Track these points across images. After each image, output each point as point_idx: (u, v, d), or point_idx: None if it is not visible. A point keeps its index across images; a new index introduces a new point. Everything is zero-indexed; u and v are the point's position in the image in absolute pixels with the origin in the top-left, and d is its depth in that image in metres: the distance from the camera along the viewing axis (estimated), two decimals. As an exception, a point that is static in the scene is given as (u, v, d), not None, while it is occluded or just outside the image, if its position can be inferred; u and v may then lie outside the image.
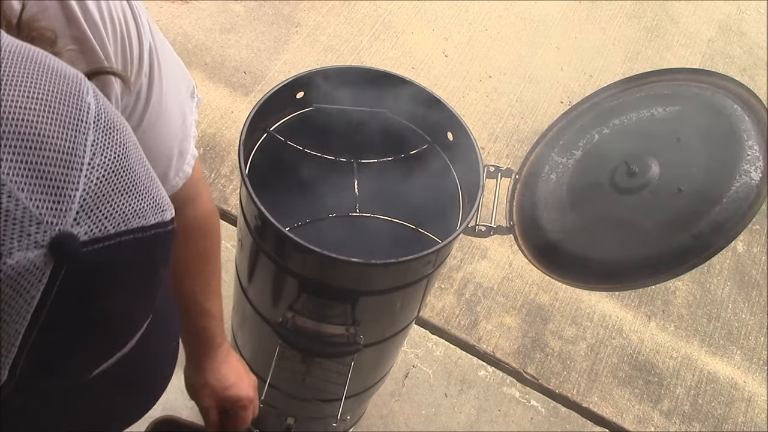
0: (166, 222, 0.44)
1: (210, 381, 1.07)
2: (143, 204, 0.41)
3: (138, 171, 0.42)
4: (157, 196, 0.43)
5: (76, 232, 0.37)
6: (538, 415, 2.04)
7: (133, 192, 0.41)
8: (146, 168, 0.43)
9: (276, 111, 1.19)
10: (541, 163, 1.26)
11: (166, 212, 0.44)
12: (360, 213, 1.28)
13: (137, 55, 0.64)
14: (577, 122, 1.25)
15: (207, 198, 0.96)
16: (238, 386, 1.09)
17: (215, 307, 1.04)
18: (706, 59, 3.16)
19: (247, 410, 1.11)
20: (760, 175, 0.99)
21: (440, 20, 2.94)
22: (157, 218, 0.42)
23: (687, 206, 1.04)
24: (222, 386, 1.07)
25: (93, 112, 0.40)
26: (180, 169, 0.81)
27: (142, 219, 0.41)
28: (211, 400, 1.08)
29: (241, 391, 1.09)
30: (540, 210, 1.21)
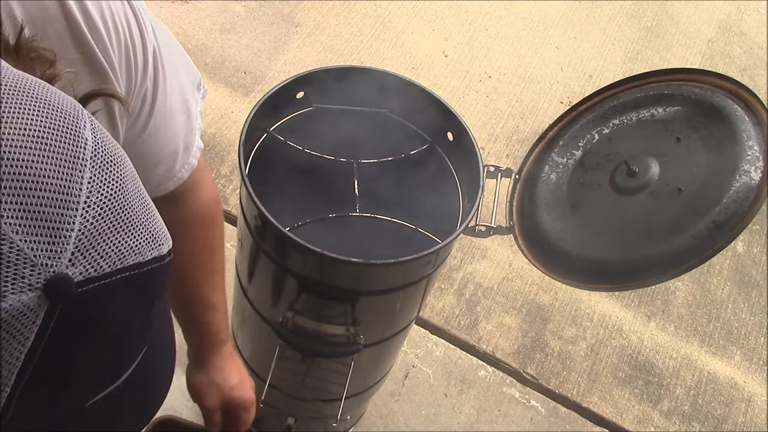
0: (163, 256, 0.43)
1: (216, 380, 1.05)
2: (140, 240, 0.41)
3: (135, 205, 0.41)
4: (154, 230, 0.43)
5: (71, 273, 0.36)
6: (538, 415, 2.04)
7: (129, 228, 0.40)
8: (143, 200, 0.43)
9: (276, 111, 1.19)
10: (541, 163, 1.26)
11: (163, 246, 0.43)
12: (360, 213, 1.28)
13: (141, 60, 0.64)
14: (577, 122, 1.25)
15: (209, 186, 0.94)
16: (242, 387, 1.07)
17: (220, 301, 1.02)
18: (705, 59, 3.16)
19: (249, 412, 1.10)
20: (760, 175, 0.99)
21: (440, 20, 2.94)
22: (153, 253, 0.42)
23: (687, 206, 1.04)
24: (228, 386, 1.06)
25: (90, 147, 0.39)
26: (186, 161, 0.81)
27: (138, 256, 0.40)
28: (216, 400, 1.06)
29: (244, 392, 1.08)
30: (540, 210, 1.21)
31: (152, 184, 0.80)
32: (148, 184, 0.80)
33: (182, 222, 0.91)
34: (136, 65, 0.63)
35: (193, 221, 0.93)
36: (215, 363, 1.05)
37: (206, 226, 0.95)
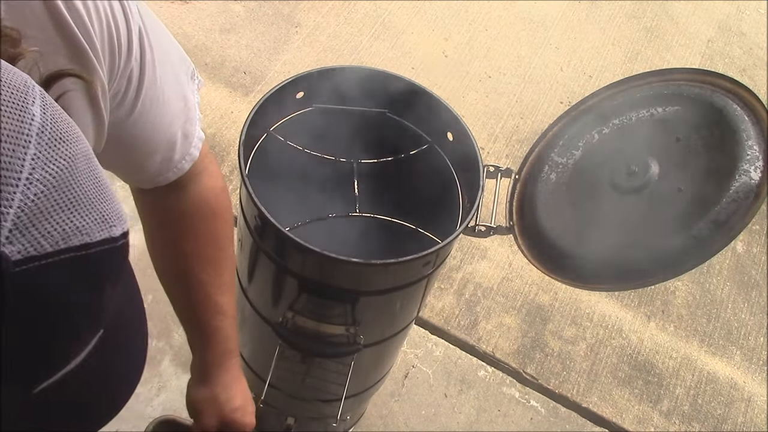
0: (115, 238, 0.42)
1: (219, 397, 0.98)
2: (88, 220, 0.39)
3: (84, 185, 0.40)
4: (107, 211, 0.41)
5: (9, 251, 0.35)
6: (538, 415, 2.04)
7: (76, 208, 0.39)
8: (96, 180, 0.42)
9: (276, 111, 1.19)
10: (541, 163, 1.26)
11: (115, 227, 0.42)
12: (360, 213, 1.28)
13: (125, 40, 0.62)
14: (577, 122, 1.25)
15: (215, 174, 0.90)
16: (244, 410, 1.00)
17: (229, 306, 0.95)
18: (705, 59, 3.16)
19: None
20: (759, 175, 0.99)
21: (440, 20, 2.94)
22: (103, 234, 0.40)
23: (687, 206, 1.04)
24: (231, 407, 0.98)
25: (37, 123, 0.38)
26: (186, 152, 0.79)
27: (85, 236, 0.39)
28: (215, 420, 0.99)
29: (246, 417, 1.00)
30: (540, 210, 1.21)
31: (151, 172, 0.78)
32: (147, 173, 0.77)
33: (185, 213, 0.88)
34: (120, 45, 0.62)
35: (197, 212, 0.88)
36: (222, 379, 0.98)
37: (211, 218, 0.90)
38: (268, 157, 1.19)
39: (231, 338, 0.96)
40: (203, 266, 0.91)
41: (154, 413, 1.74)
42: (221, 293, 0.93)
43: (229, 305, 0.95)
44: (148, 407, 1.77)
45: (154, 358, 1.84)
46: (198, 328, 0.95)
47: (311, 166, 1.27)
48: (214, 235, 0.91)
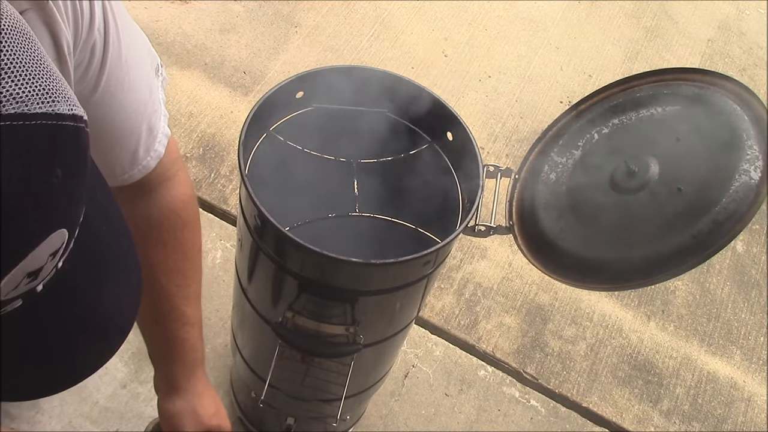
0: (61, 115, 0.40)
1: (195, 406, 0.97)
2: (23, 88, 0.38)
3: (19, 56, 0.39)
4: (48, 86, 0.40)
5: None
6: (538, 415, 2.04)
7: (8, 74, 0.37)
8: (38, 59, 0.40)
9: (276, 111, 1.19)
10: (541, 163, 1.26)
11: (59, 104, 0.40)
12: (360, 213, 1.28)
13: (88, 10, 0.62)
14: (577, 122, 1.25)
15: (184, 181, 0.88)
16: (220, 415, 1.00)
17: (196, 317, 0.93)
18: (705, 59, 3.16)
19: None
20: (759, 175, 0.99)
21: (440, 20, 2.94)
22: (44, 108, 0.39)
23: (686, 206, 1.04)
24: (207, 413, 0.98)
25: None
26: (151, 147, 0.77)
27: (21, 104, 0.37)
28: (194, 428, 0.98)
29: (223, 421, 1.00)
30: (540, 210, 1.21)
31: (115, 168, 0.76)
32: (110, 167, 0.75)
33: (154, 221, 0.86)
34: (82, 13, 0.62)
35: (166, 221, 0.87)
36: (194, 388, 0.97)
37: (180, 227, 0.89)
38: (268, 157, 1.19)
39: (198, 348, 0.96)
40: (171, 276, 0.90)
41: (154, 413, 1.73)
42: (188, 304, 0.91)
43: (196, 316, 0.94)
44: (149, 407, 1.77)
45: (154, 358, 1.84)
46: (165, 339, 0.93)
47: (311, 166, 1.27)
48: (183, 246, 0.90)
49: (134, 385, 1.80)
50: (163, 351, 0.94)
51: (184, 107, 2.36)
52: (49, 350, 0.48)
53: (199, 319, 0.94)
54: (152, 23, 2.56)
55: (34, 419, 1.71)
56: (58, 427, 1.71)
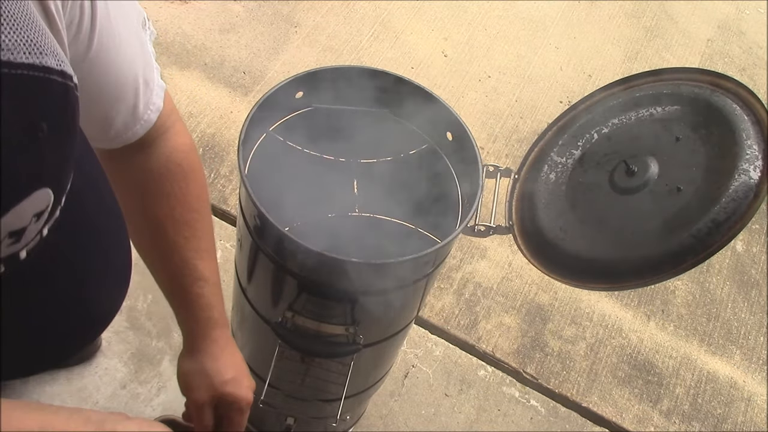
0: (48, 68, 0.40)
1: (207, 370, 0.91)
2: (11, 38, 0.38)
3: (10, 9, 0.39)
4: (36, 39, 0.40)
5: None
6: (538, 415, 2.04)
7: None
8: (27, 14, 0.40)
9: (276, 111, 1.19)
10: (541, 163, 1.26)
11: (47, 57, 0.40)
12: (360, 213, 1.28)
13: None
14: (577, 122, 1.25)
15: (182, 131, 0.86)
16: (237, 382, 0.93)
17: (209, 271, 0.89)
18: (705, 59, 3.16)
19: (244, 415, 0.95)
20: (759, 174, 0.99)
21: (439, 20, 2.94)
22: (30, 59, 0.39)
23: (686, 206, 1.04)
24: (220, 379, 0.92)
25: None
26: (150, 101, 0.77)
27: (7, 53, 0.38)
28: (205, 394, 0.92)
29: (240, 390, 0.93)
30: (539, 210, 1.21)
31: (118, 126, 0.75)
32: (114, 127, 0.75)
33: (155, 173, 0.84)
34: None
35: (167, 172, 0.84)
36: (209, 350, 0.92)
37: (182, 177, 0.86)
38: (268, 157, 1.19)
39: (214, 306, 0.90)
40: (178, 229, 0.86)
41: (154, 413, 1.74)
42: (200, 258, 0.88)
43: (209, 271, 0.89)
44: (148, 407, 1.77)
45: (154, 358, 1.84)
46: (178, 296, 0.90)
47: (311, 166, 1.27)
48: (187, 196, 0.87)
49: (134, 385, 1.80)
50: (179, 309, 0.91)
51: (184, 107, 2.36)
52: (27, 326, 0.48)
53: (215, 274, 0.90)
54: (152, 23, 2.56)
55: (34, 419, 1.71)
56: (58, 427, 1.71)
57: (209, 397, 0.92)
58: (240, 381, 0.93)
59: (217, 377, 0.91)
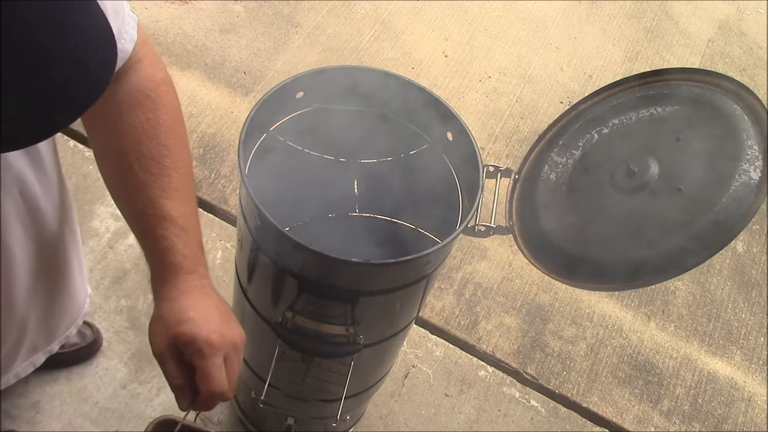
0: None
1: (164, 312, 0.83)
2: None
3: None
4: None
5: None
6: (538, 415, 2.04)
7: None
8: None
9: (276, 111, 1.19)
10: (541, 163, 1.26)
11: None
12: (360, 213, 1.28)
13: None
14: (577, 122, 1.25)
15: (155, 64, 0.83)
16: (196, 323, 0.82)
17: (177, 210, 0.82)
18: (705, 59, 3.16)
19: (207, 360, 0.82)
20: (759, 175, 0.99)
21: (440, 20, 2.94)
22: None
23: (686, 206, 1.04)
24: (174, 319, 0.82)
25: None
26: (122, 29, 0.75)
27: None
28: (162, 339, 0.83)
29: (199, 331, 0.81)
30: (539, 210, 1.21)
31: None
32: None
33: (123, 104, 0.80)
34: None
35: (134, 101, 0.80)
36: (168, 294, 0.83)
37: (151, 109, 0.81)
38: (268, 157, 1.19)
39: (177, 250, 0.83)
40: (145, 164, 0.82)
41: (154, 413, 1.74)
42: (167, 197, 0.82)
43: (177, 211, 0.83)
44: (148, 407, 1.77)
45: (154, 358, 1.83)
46: (142, 238, 0.84)
47: (311, 166, 1.27)
48: (155, 130, 0.83)
49: (134, 385, 1.80)
50: (144, 251, 0.84)
51: (184, 107, 2.36)
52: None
53: (184, 216, 0.83)
54: (152, 23, 2.56)
55: (34, 419, 1.71)
56: (58, 427, 1.71)
57: (166, 343, 0.83)
58: (200, 322, 0.83)
59: (171, 318, 0.83)
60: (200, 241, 0.88)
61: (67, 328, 1.48)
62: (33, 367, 1.46)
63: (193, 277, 0.85)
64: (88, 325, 1.78)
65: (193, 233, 0.85)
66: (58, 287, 1.33)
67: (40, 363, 1.47)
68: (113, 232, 2.04)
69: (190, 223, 0.84)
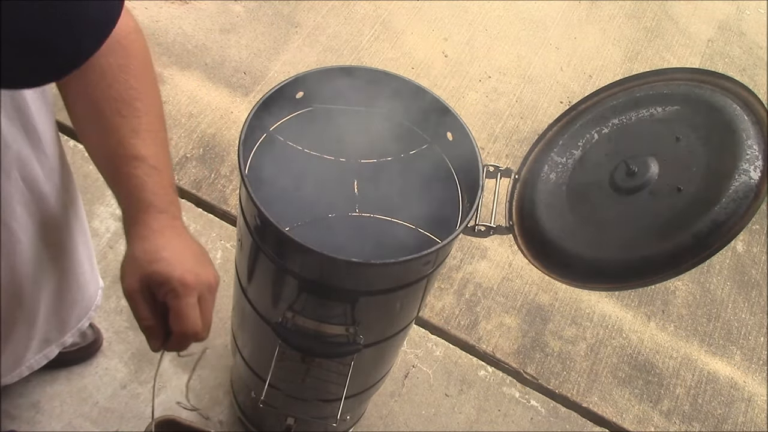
0: None
1: (135, 252, 0.81)
2: None
3: None
4: None
5: None
6: (538, 415, 2.04)
7: None
8: None
9: (276, 111, 1.19)
10: (541, 163, 1.26)
11: None
12: (360, 213, 1.28)
13: None
14: (577, 122, 1.25)
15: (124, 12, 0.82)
16: (170, 263, 0.81)
17: (148, 150, 0.83)
18: (705, 59, 3.16)
19: (181, 300, 0.81)
20: (759, 175, 0.99)
21: (440, 20, 2.94)
22: None
23: (686, 206, 1.04)
24: (147, 258, 0.80)
25: None
26: None
27: None
28: (134, 279, 0.81)
29: (173, 270, 0.80)
30: (539, 210, 1.21)
31: None
32: None
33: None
34: None
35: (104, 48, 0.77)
36: (139, 233, 0.82)
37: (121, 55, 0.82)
38: (268, 157, 1.19)
39: (148, 188, 0.83)
40: (115, 107, 0.82)
41: (154, 413, 1.74)
42: (138, 137, 0.83)
43: (147, 150, 0.83)
44: (148, 407, 1.77)
45: (154, 358, 1.84)
46: (112, 178, 0.84)
47: (311, 166, 1.27)
48: (126, 74, 0.83)
49: (134, 385, 1.80)
50: (115, 193, 0.84)
51: (184, 107, 2.36)
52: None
53: (156, 158, 0.83)
54: (152, 23, 2.56)
55: (34, 419, 1.71)
56: (58, 427, 1.71)
57: (138, 283, 0.82)
58: (173, 262, 0.81)
59: (144, 258, 0.81)
60: (173, 184, 0.87)
61: (78, 320, 1.47)
62: (46, 360, 1.46)
63: (166, 216, 0.84)
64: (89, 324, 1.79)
65: (165, 174, 0.85)
66: (66, 277, 1.32)
67: (53, 355, 1.46)
68: (113, 232, 2.04)
69: (162, 164, 0.85)
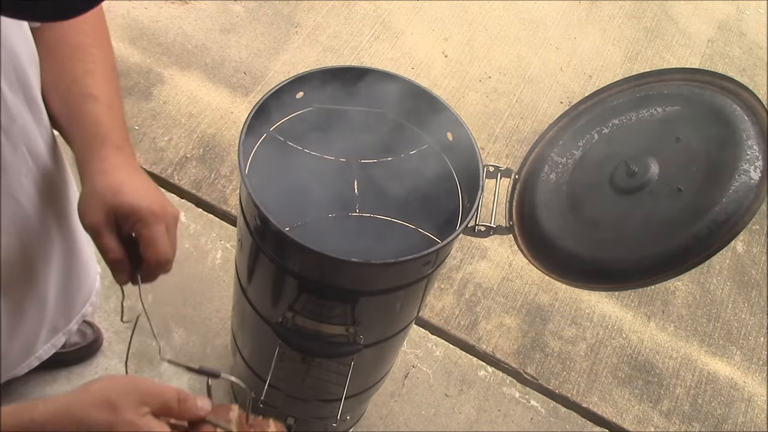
0: None
1: (97, 186, 0.82)
2: None
3: None
4: None
5: None
6: (538, 416, 2.04)
7: None
8: None
9: (276, 111, 1.19)
10: (541, 163, 1.26)
11: None
12: (360, 213, 1.28)
13: None
14: (577, 122, 1.25)
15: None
16: (136, 194, 0.82)
17: (101, 90, 0.85)
18: (705, 59, 3.16)
19: (151, 228, 0.82)
20: (759, 175, 0.99)
21: (440, 21, 2.94)
22: None
23: (686, 206, 1.04)
24: (112, 191, 0.81)
25: None
26: None
27: None
28: (99, 213, 0.81)
29: (140, 201, 0.81)
30: (540, 210, 1.21)
31: None
32: None
33: None
34: None
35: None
36: (99, 167, 0.83)
37: None
38: (268, 157, 1.20)
39: (104, 123, 0.84)
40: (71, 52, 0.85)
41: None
42: (92, 76, 0.85)
43: (101, 90, 0.85)
44: (148, 407, 1.77)
45: (154, 358, 1.84)
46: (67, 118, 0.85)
47: (311, 166, 1.27)
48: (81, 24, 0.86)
49: (134, 385, 1.80)
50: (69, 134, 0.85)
51: (185, 108, 2.36)
52: None
53: (109, 97, 0.85)
54: (152, 23, 2.56)
55: (34, 419, 1.71)
56: (58, 427, 1.71)
57: (104, 217, 0.82)
58: (137, 194, 0.82)
59: (108, 191, 0.81)
60: (126, 127, 0.89)
61: (83, 305, 1.47)
62: (54, 349, 1.45)
63: (123, 152, 0.86)
64: (88, 324, 1.78)
65: (119, 115, 0.87)
66: (73, 255, 1.31)
67: (60, 344, 1.46)
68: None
69: (116, 105, 0.86)
